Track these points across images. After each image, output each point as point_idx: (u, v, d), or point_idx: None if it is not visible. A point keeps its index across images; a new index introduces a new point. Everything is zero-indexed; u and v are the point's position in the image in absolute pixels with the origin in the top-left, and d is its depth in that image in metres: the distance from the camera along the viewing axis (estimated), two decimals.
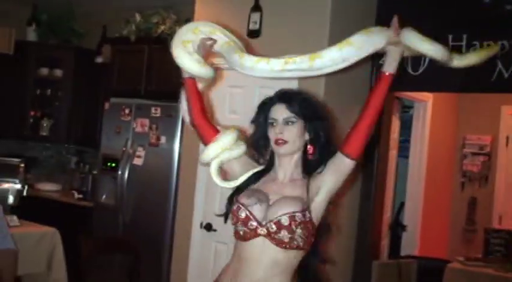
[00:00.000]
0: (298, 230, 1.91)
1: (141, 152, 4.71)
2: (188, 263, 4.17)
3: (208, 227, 4.05)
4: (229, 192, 2.14)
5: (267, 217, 1.94)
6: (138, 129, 4.74)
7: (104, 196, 5.01)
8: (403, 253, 5.25)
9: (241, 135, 2.18)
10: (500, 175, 5.85)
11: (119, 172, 4.76)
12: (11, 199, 5.23)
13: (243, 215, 1.97)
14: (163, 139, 4.58)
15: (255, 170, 2.11)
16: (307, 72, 1.96)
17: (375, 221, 4.04)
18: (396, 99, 4.66)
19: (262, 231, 1.94)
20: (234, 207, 2.01)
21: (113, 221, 4.81)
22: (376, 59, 3.79)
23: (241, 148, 2.13)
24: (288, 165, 2.06)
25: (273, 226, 1.92)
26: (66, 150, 6.44)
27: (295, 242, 1.93)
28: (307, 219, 1.93)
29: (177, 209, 4.35)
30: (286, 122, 2.02)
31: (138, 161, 4.72)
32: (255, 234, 1.95)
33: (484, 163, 5.88)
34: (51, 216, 4.76)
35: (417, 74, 3.62)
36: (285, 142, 2.01)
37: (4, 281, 3.21)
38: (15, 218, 4.06)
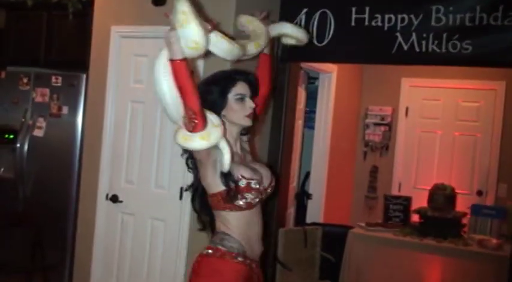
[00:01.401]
0: None
1: (41, 123, 4.51)
2: (94, 235, 4.08)
3: (114, 199, 3.98)
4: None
5: (265, 184, 2.31)
6: (38, 99, 4.53)
7: (2, 169, 4.77)
8: (308, 221, 5.39)
9: None
10: (399, 145, 6.11)
11: (18, 144, 4.55)
12: None
13: (261, 188, 2.26)
14: (65, 109, 4.41)
15: (228, 146, 2.20)
16: (249, 57, 2.45)
17: (281, 190, 4.10)
18: (302, 70, 4.72)
19: (264, 196, 2.32)
20: (252, 183, 2.21)
21: (12, 195, 4.60)
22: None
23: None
24: (237, 136, 2.35)
25: (270, 189, 2.36)
26: None
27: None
28: None
29: (81, 181, 4.24)
30: (250, 98, 2.29)
31: (38, 133, 4.52)
32: (260, 201, 2.30)
33: (384, 133, 6.12)
34: None
35: (322, 45, 3.67)
36: (252, 115, 2.29)
37: None
38: None
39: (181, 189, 3.66)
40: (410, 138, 6.09)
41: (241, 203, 2.21)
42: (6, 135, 4.71)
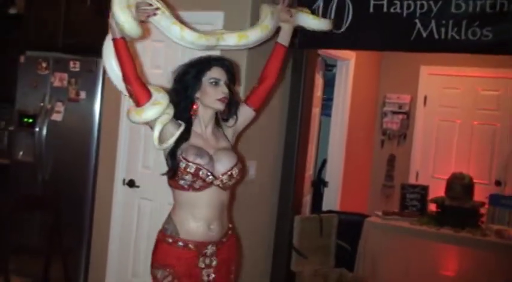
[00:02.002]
0: (238, 175, 2.39)
1: (60, 107, 4.55)
2: (110, 220, 4.12)
3: (131, 184, 4.01)
4: (154, 150, 2.32)
5: (218, 170, 2.33)
6: (57, 83, 4.56)
7: (21, 153, 4.82)
8: (324, 209, 5.38)
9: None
10: (417, 133, 6.06)
11: (37, 128, 4.59)
12: None
13: (201, 173, 2.27)
14: (83, 94, 4.44)
15: (183, 128, 2.31)
16: (231, 47, 2.47)
17: (298, 177, 4.10)
18: (319, 57, 4.69)
19: (217, 182, 2.33)
20: (189, 167, 2.26)
21: (31, 179, 4.65)
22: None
23: (172, 108, 2.32)
24: (209, 120, 2.41)
25: (227, 178, 2.34)
26: None
27: (234, 184, 2.41)
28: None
29: (98, 166, 4.27)
30: (225, 83, 2.35)
31: (57, 117, 4.56)
32: (209, 185, 2.32)
33: (402, 121, 6.07)
34: None
35: (340, 32, 3.64)
36: (226, 99, 2.35)
37: None
38: None
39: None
40: (429, 127, 6.04)
41: (182, 182, 2.29)
42: (26, 119, 4.76)
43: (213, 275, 2.37)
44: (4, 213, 4.01)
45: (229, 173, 2.35)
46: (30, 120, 4.70)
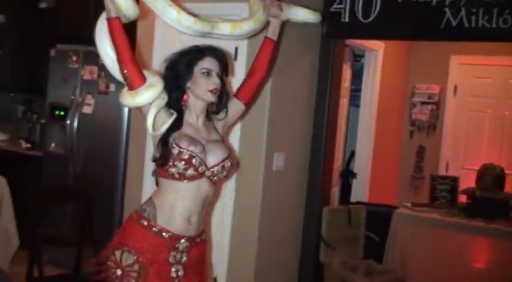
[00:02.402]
0: (230, 168, 2.34)
1: (90, 100, 4.62)
2: None
3: None
4: None
5: (210, 161, 2.27)
6: (87, 76, 4.63)
7: (53, 145, 4.91)
8: (353, 200, 5.36)
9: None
10: (447, 124, 5.99)
11: (68, 121, 4.67)
12: None
13: (194, 160, 2.21)
14: (112, 87, 4.49)
15: (175, 115, 2.25)
16: (226, 37, 2.45)
17: (326, 169, 4.09)
18: (347, 47, 4.66)
19: (208, 173, 2.27)
20: (183, 153, 2.20)
21: (63, 170, 4.74)
22: (327, 7, 3.78)
23: (166, 94, 2.25)
24: (201, 111, 2.34)
25: (219, 169, 2.29)
26: (12, 99, 6.25)
27: (224, 178, 2.38)
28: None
29: (128, 157, 4.32)
30: (217, 74, 2.29)
31: (87, 109, 4.63)
32: (200, 176, 2.25)
33: (432, 112, 6.00)
34: None
35: (368, 22, 3.61)
36: (218, 91, 2.29)
37: None
38: None
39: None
40: (459, 118, 5.96)
41: (173, 170, 2.21)
42: (57, 112, 4.85)
43: (182, 271, 2.29)
44: (37, 204, 4.08)
45: (221, 164, 2.30)
46: (62, 113, 4.79)
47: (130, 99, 2.17)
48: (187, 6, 3.86)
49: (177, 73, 2.28)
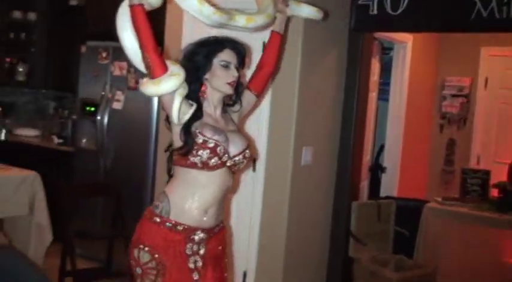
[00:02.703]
0: (249, 158, 2.35)
1: (120, 96, 4.66)
2: None
3: None
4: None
5: (232, 151, 2.26)
6: (117, 72, 4.68)
7: (84, 141, 4.99)
8: (382, 194, 5.33)
9: None
10: (478, 117, 5.90)
11: (98, 117, 4.72)
12: None
13: (219, 149, 2.21)
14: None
15: (196, 105, 2.22)
16: (239, 29, 2.41)
17: (355, 163, 4.08)
18: (376, 40, 4.63)
19: (230, 162, 2.26)
20: (208, 142, 2.19)
21: (94, 166, 4.81)
22: (355, 0, 3.76)
23: (186, 83, 2.21)
24: (218, 102, 2.33)
25: (240, 158, 2.29)
26: (43, 95, 6.37)
27: (242, 168, 2.39)
28: None
29: (158, 152, 4.36)
30: (235, 67, 2.28)
31: (117, 105, 4.68)
32: (222, 165, 2.24)
33: (462, 105, 5.92)
34: (31, 162, 4.74)
35: (396, 14, 3.58)
36: (235, 84, 2.28)
37: None
38: None
39: (254, 160, 3.70)
40: (490, 110, 5.86)
41: (196, 160, 2.18)
42: (88, 108, 4.91)
43: (200, 263, 2.27)
44: (68, 199, 4.16)
45: (242, 154, 2.29)
46: (92, 109, 4.85)
47: (154, 88, 2.13)
48: None
49: (196, 64, 2.25)
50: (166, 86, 2.11)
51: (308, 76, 3.64)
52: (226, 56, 2.27)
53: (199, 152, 2.18)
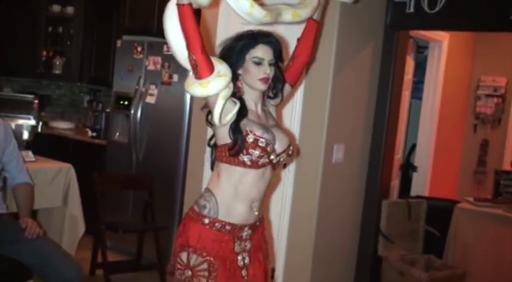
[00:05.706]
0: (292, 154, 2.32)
1: (153, 90, 4.72)
2: None
3: None
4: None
5: (277, 149, 2.23)
6: (151, 67, 4.73)
7: (118, 134, 5.06)
8: (413, 194, 5.30)
9: None
10: None
11: (132, 110, 4.78)
12: (25, 135, 5.33)
13: (269, 148, 2.19)
14: (175, 77, 4.58)
15: (239, 104, 2.19)
16: (284, 23, 2.40)
17: (386, 161, 4.05)
18: (411, 38, 4.59)
19: (275, 160, 2.24)
20: (259, 141, 2.16)
21: (126, 159, 4.87)
22: None
23: (232, 83, 2.18)
24: (258, 98, 2.30)
25: (284, 155, 2.27)
26: (79, 88, 6.47)
27: (284, 164, 2.37)
28: None
29: (189, 147, 4.39)
30: (270, 63, 2.22)
31: (150, 99, 4.73)
32: (270, 163, 2.23)
33: (497, 105, 5.83)
34: (65, 154, 4.84)
35: (433, 12, 3.54)
36: (269, 80, 2.23)
37: (21, 214, 3.29)
38: (30, 153, 4.10)
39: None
40: None
41: (245, 158, 2.15)
42: (122, 102, 4.98)
43: (248, 258, 2.26)
44: (100, 191, 4.22)
45: (287, 151, 2.27)
46: (126, 103, 4.91)
47: (202, 89, 2.07)
48: None
49: (229, 59, 2.20)
50: (214, 88, 2.07)
51: (341, 72, 3.62)
52: (259, 52, 2.21)
53: (250, 151, 2.15)
